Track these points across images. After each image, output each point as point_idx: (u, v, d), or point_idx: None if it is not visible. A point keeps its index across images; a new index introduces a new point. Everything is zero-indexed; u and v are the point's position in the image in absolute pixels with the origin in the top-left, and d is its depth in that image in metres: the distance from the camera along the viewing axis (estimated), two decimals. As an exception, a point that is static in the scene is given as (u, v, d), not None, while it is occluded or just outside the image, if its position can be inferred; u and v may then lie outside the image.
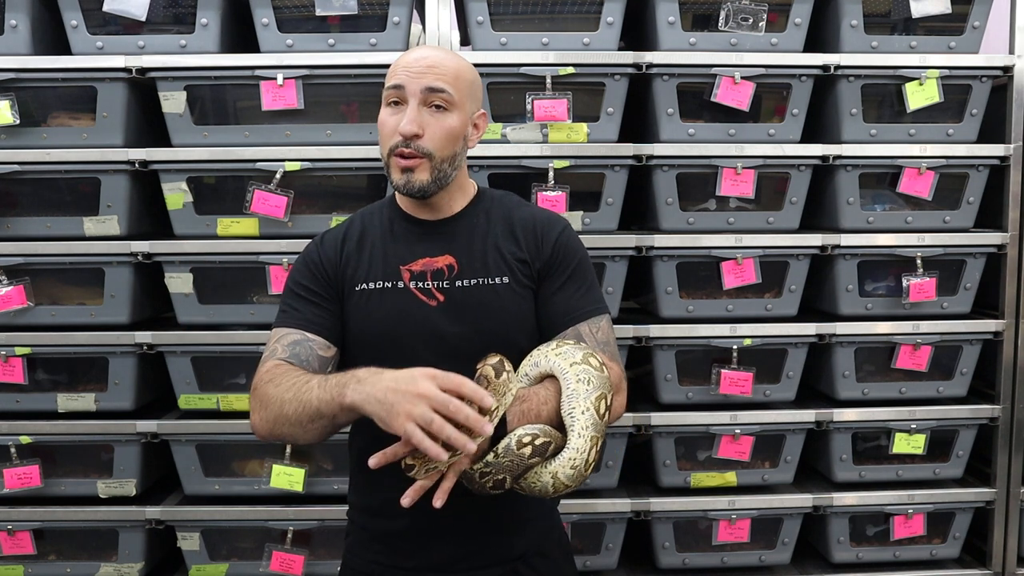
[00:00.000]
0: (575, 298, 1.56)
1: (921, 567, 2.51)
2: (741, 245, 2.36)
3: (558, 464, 1.37)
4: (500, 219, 1.60)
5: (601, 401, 1.40)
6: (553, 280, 1.57)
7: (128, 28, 2.33)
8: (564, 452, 1.38)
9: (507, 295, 1.54)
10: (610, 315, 1.61)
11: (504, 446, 1.34)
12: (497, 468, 1.35)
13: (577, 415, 1.38)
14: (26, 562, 2.37)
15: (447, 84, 1.49)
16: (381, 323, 1.54)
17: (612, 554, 2.43)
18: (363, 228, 1.62)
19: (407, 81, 1.49)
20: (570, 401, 1.39)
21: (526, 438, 1.35)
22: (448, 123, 1.50)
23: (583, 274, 1.59)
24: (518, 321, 1.54)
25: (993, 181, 2.44)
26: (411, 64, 1.50)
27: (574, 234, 1.62)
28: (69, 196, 2.37)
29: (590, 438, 1.38)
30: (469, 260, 1.56)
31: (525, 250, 1.57)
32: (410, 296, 1.54)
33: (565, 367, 1.41)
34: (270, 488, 2.33)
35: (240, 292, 2.37)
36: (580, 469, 1.37)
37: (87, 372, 2.39)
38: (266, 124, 2.32)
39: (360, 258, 1.58)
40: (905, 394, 2.47)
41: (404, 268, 1.56)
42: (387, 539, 1.60)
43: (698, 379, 2.42)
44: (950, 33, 2.43)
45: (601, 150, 2.32)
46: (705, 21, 2.42)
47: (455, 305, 1.53)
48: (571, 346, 1.45)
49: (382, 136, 1.53)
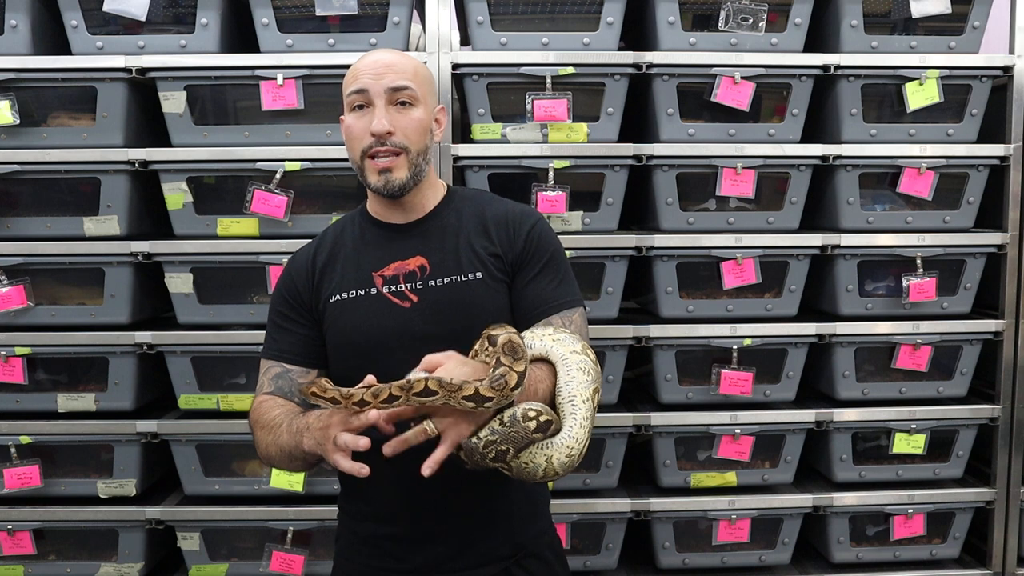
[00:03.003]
0: (548, 290, 1.57)
1: (921, 567, 2.51)
2: (741, 245, 2.36)
3: (554, 449, 1.38)
4: (472, 216, 1.61)
5: (596, 394, 1.41)
6: (526, 272, 1.58)
7: (128, 28, 2.33)
8: (561, 438, 1.38)
9: (480, 291, 1.55)
10: (584, 308, 1.61)
11: (510, 416, 1.34)
12: (503, 437, 1.34)
13: (579, 403, 1.39)
14: (26, 562, 2.37)
15: (409, 80, 1.54)
16: (357, 331, 1.56)
17: (612, 554, 2.43)
18: (335, 241, 1.65)
19: (370, 84, 1.53)
20: (570, 388, 1.40)
21: (531, 412, 1.35)
22: (415, 116, 1.55)
23: (556, 266, 1.59)
24: (493, 316, 1.54)
25: (993, 181, 2.44)
26: (370, 67, 1.54)
27: (548, 227, 1.63)
28: (69, 196, 2.37)
29: (588, 429, 1.39)
30: (441, 259, 1.57)
31: (497, 244, 1.58)
32: (383, 301, 1.56)
33: (566, 354, 1.42)
34: (270, 488, 2.33)
35: (240, 292, 2.37)
36: (574, 458, 1.38)
37: (87, 372, 2.39)
38: (266, 124, 2.32)
39: (333, 271, 1.61)
40: (905, 394, 2.47)
41: (376, 274, 1.58)
42: (376, 542, 1.61)
43: (698, 379, 2.42)
44: (950, 33, 2.43)
45: (601, 150, 2.32)
46: (705, 21, 2.42)
47: (429, 305, 1.54)
48: (568, 334, 1.46)
49: (351, 141, 1.56)
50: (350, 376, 1.46)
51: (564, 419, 1.40)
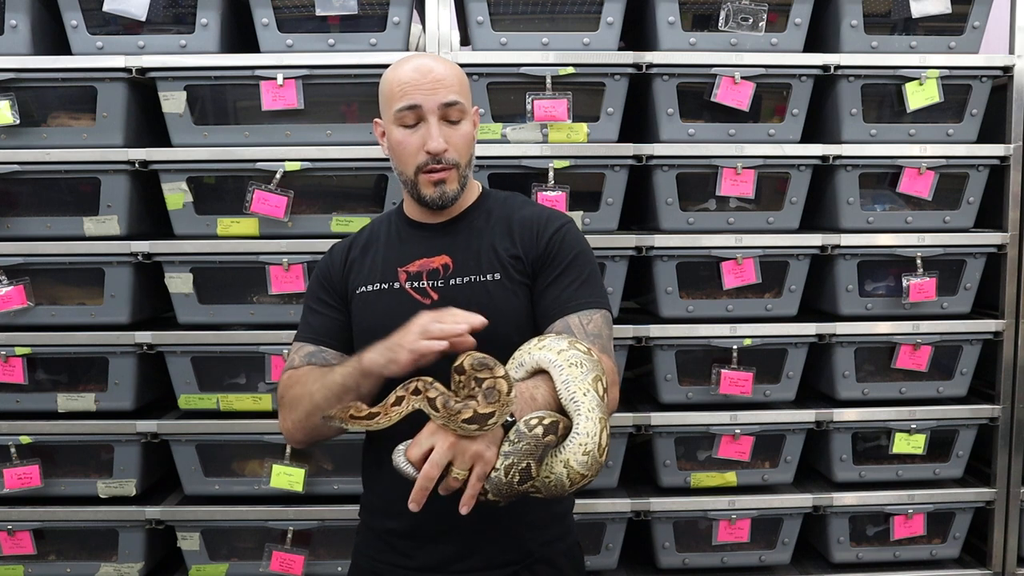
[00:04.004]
0: (568, 290, 1.54)
1: (921, 567, 2.51)
2: (741, 245, 2.36)
3: (569, 452, 1.31)
4: (501, 218, 1.62)
5: (598, 383, 1.35)
6: (547, 274, 1.56)
7: (128, 28, 2.33)
8: (572, 437, 1.32)
9: (498, 292, 1.55)
10: (609, 312, 1.57)
11: (515, 432, 1.30)
12: (518, 456, 1.29)
13: (579, 397, 1.33)
14: (26, 562, 2.37)
15: (458, 95, 1.55)
16: (378, 323, 1.56)
17: (612, 554, 2.43)
18: (370, 236, 1.68)
19: (423, 100, 1.52)
20: (568, 387, 1.34)
21: (533, 420, 1.30)
22: (465, 130, 1.57)
23: (579, 268, 1.57)
24: (510, 318, 1.53)
25: (993, 181, 2.44)
26: (419, 81, 1.52)
27: (575, 231, 1.61)
28: (69, 196, 2.37)
29: (598, 419, 1.32)
30: (464, 259, 1.58)
31: (519, 246, 1.57)
32: (405, 296, 1.57)
33: (553, 356, 1.37)
34: (270, 488, 2.33)
35: (240, 292, 2.37)
36: (594, 454, 1.31)
37: (87, 372, 2.39)
38: (266, 124, 2.32)
39: (364, 263, 1.64)
40: (905, 394, 2.46)
41: (401, 270, 1.60)
42: (389, 537, 1.61)
43: (698, 379, 2.42)
44: (950, 33, 2.43)
45: (601, 150, 2.32)
46: (705, 21, 2.42)
47: (448, 303, 1.52)
48: (553, 337, 1.41)
49: (404, 157, 1.56)
50: None
51: (574, 417, 1.33)
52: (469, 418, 1.24)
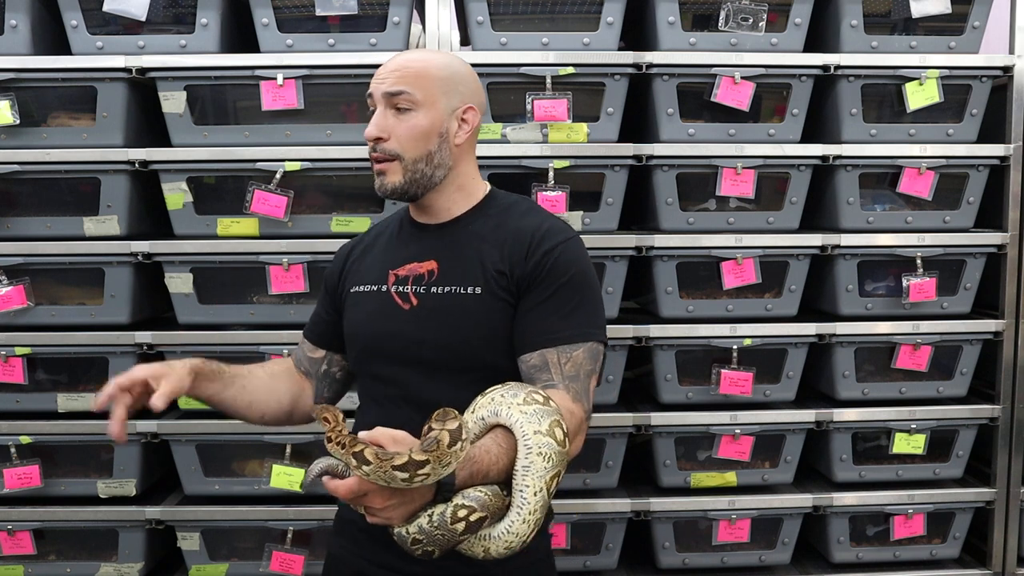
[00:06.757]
0: (551, 320, 1.45)
1: (921, 567, 2.51)
2: (741, 245, 2.36)
3: (492, 541, 1.28)
4: (499, 226, 1.54)
5: (555, 480, 1.30)
6: (533, 297, 1.47)
7: (128, 28, 2.33)
8: (501, 531, 1.28)
9: (476, 307, 1.48)
10: (598, 343, 1.49)
11: (439, 514, 1.24)
12: (428, 539, 1.25)
13: (528, 496, 1.27)
14: (26, 562, 2.37)
15: (407, 85, 1.49)
16: (361, 324, 1.59)
17: (612, 554, 2.42)
18: (377, 234, 1.70)
19: (374, 88, 1.54)
20: (524, 475, 1.28)
21: (461, 512, 1.24)
22: (412, 123, 1.50)
23: (570, 294, 1.47)
24: (486, 335, 1.48)
25: (993, 181, 2.44)
26: (382, 70, 1.54)
27: (574, 249, 1.51)
28: (69, 196, 2.37)
29: (534, 522, 1.28)
30: (451, 266, 1.53)
31: (507, 261, 1.49)
32: (388, 299, 1.56)
33: (528, 433, 1.29)
34: (270, 488, 2.33)
35: (240, 292, 2.37)
36: (514, 550, 1.29)
37: (87, 372, 2.39)
38: (266, 124, 2.32)
39: (362, 263, 1.65)
40: (905, 394, 2.46)
41: (392, 272, 1.57)
42: (343, 525, 1.62)
43: (698, 379, 2.42)
44: (950, 33, 2.43)
45: (601, 150, 2.32)
46: (705, 21, 2.42)
47: (425, 311, 1.51)
48: (541, 405, 1.31)
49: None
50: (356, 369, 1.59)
51: (511, 508, 1.28)
52: (400, 465, 1.16)
